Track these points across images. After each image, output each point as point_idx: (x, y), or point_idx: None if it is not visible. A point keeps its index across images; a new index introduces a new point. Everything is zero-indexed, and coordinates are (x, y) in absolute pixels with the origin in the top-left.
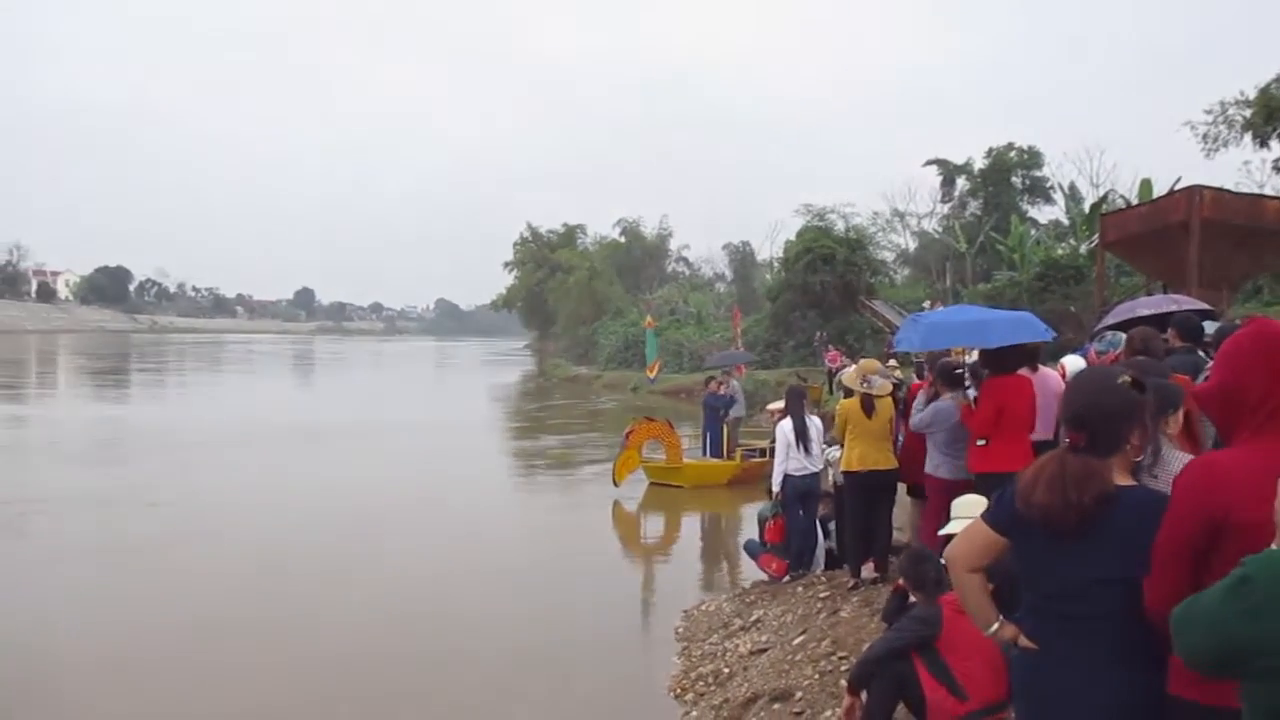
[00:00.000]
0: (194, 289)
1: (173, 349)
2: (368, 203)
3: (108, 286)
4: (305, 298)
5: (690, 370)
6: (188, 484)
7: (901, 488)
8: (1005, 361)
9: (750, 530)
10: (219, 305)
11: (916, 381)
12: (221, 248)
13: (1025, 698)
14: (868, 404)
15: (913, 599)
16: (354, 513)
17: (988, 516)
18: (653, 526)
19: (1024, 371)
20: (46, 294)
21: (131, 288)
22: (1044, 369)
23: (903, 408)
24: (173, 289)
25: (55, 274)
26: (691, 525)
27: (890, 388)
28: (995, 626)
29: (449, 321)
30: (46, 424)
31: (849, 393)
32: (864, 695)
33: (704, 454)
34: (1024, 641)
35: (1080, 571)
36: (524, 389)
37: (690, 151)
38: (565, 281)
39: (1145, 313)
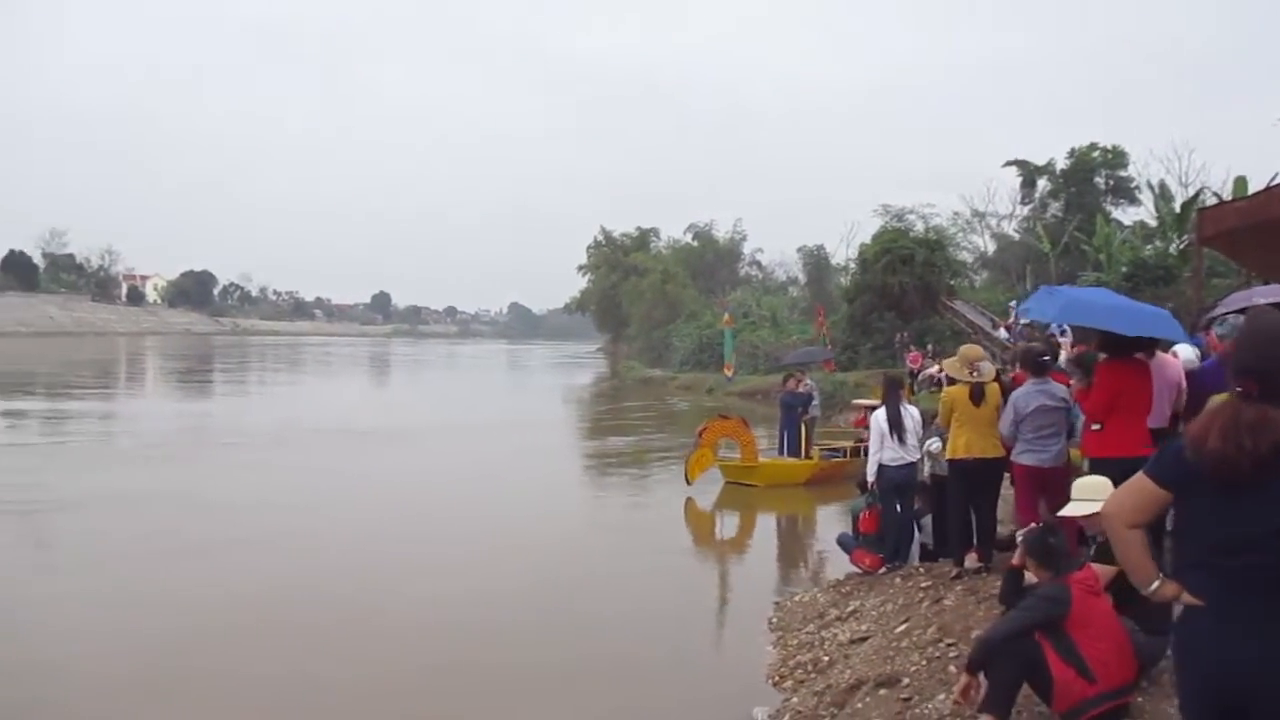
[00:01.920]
0: (275, 293)
1: (254, 350)
2: (444, 209)
3: (193, 290)
4: (382, 301)
5: (765, 372)
6: (267, 482)
7: (1006, 478)
8: (1124, 345)
9: (830, 530)
10: (299, 308)
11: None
12: (302, 253)
13: (1189, 656)
14: (977, 392)
15: (1030, 579)
16: (431, 513)
17: (1151, 470)
18: (728, 524)
19: (1141, 356)
20: (136, 297)
21: (216, 291)
22: (1162, 355)
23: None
24: (255, 293)
25: (144, 278)
26: (767, 524)
27: (994, 373)
28: (1156, 584)
29: (521, 325)
30: (130, 420)
31: (950, 383)
32: (982, 676)
33: (780, 453)
34: (1188, 598)
35: (1252, 523)
36: (597, 391)
37: (764, 152)
38: (639, 284)
39: (1263, 301)
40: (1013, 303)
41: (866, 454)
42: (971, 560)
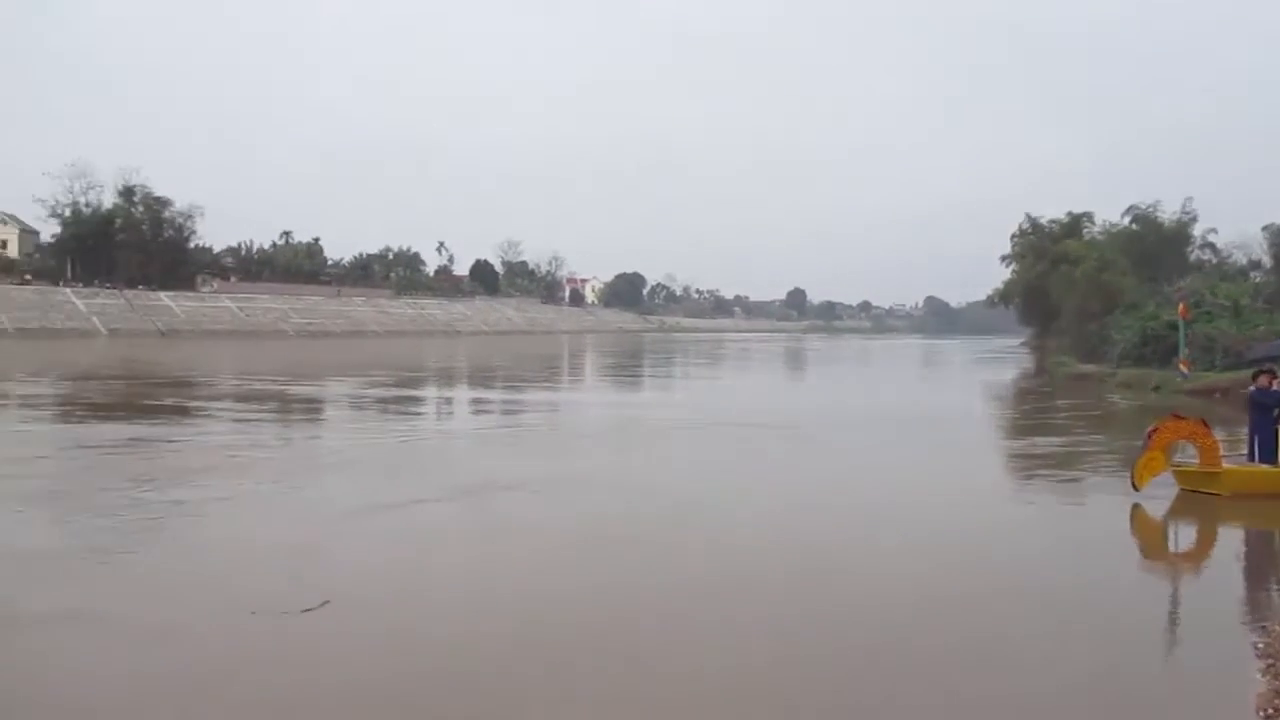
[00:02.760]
0: (697, 291)
1: (679, 345)
2: (859, 204)
3: (625, 291)
4: (797, 298)
5: (1224, 369)
6: (694, 472)
7: None
8: None
9: None
10: (719, 306)
11: None
12: (722, 254)
13: None
14: None
15: None
16: (840, 507)
17: None
18: (1184, 537)
19: None
20: (577, 299)
21: (645, 292)
22: None
23: None
24: (679, 292)
25: (584, 281)
26: (1234, 538)
27: None
28: None
29: (937, 319)
30: (572, 408)
31: None
32: None
33: (1250, 459)
34: None
35: None
36: (1022, 387)
37: (1215, 121)
38: (1070, 273)
39: None
40: None
41: None
42: None
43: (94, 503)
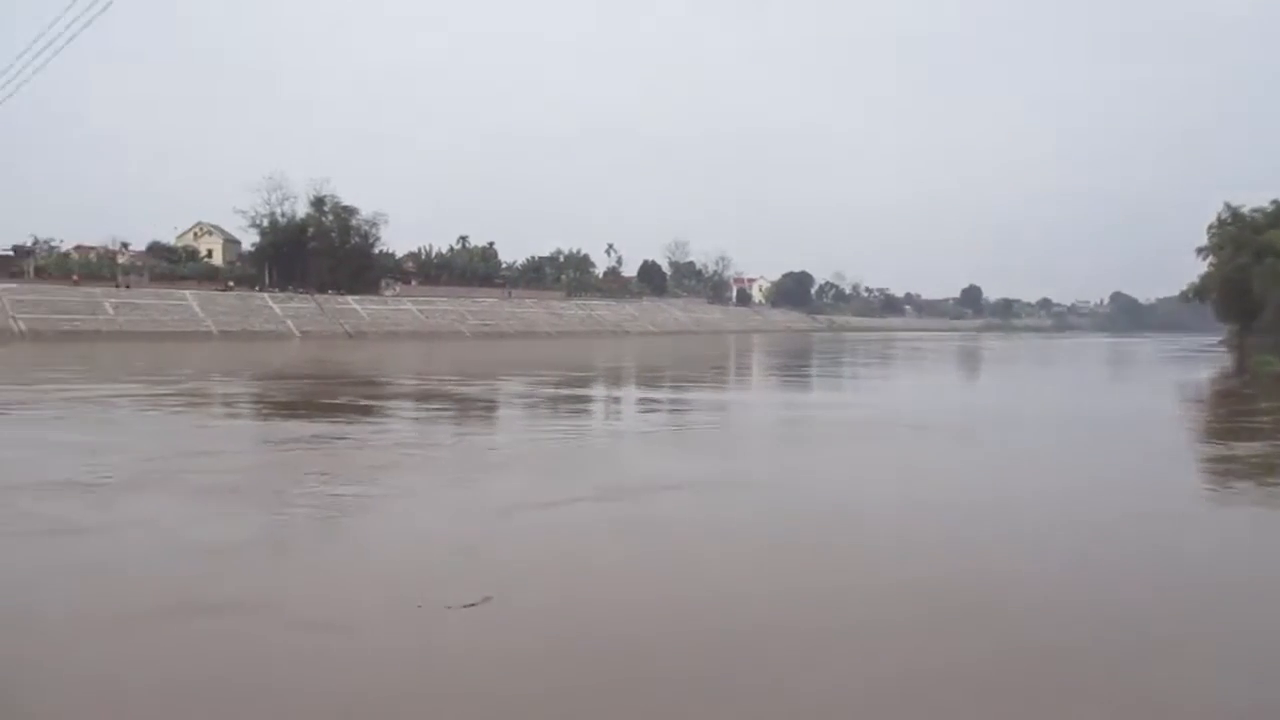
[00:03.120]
0: (866, 290)
1: (846, 344)
2: (1040, 196)
3: (793, 290)
4: (972, 295)
5: None
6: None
7: None
8: None
9: None
10: (889, 304)
11: None
12: (893, 251)
13: None
14: None
15: None
16: (1018, 514)
17: None
18: None
19: None
20: (744, 298)
21: (812, 290)
22: None
23: None
24: (848, 290)
25: (751, 281)
26: None
27: None
28: None
29: (1124, 315)
30: (738, 409)
31: None
32: None
33: None
34: None
35: None
36: (1219, 389)
37: None
38: (1276, 266)
39: None
40: None
41: None
42: None
43: (271, 498)
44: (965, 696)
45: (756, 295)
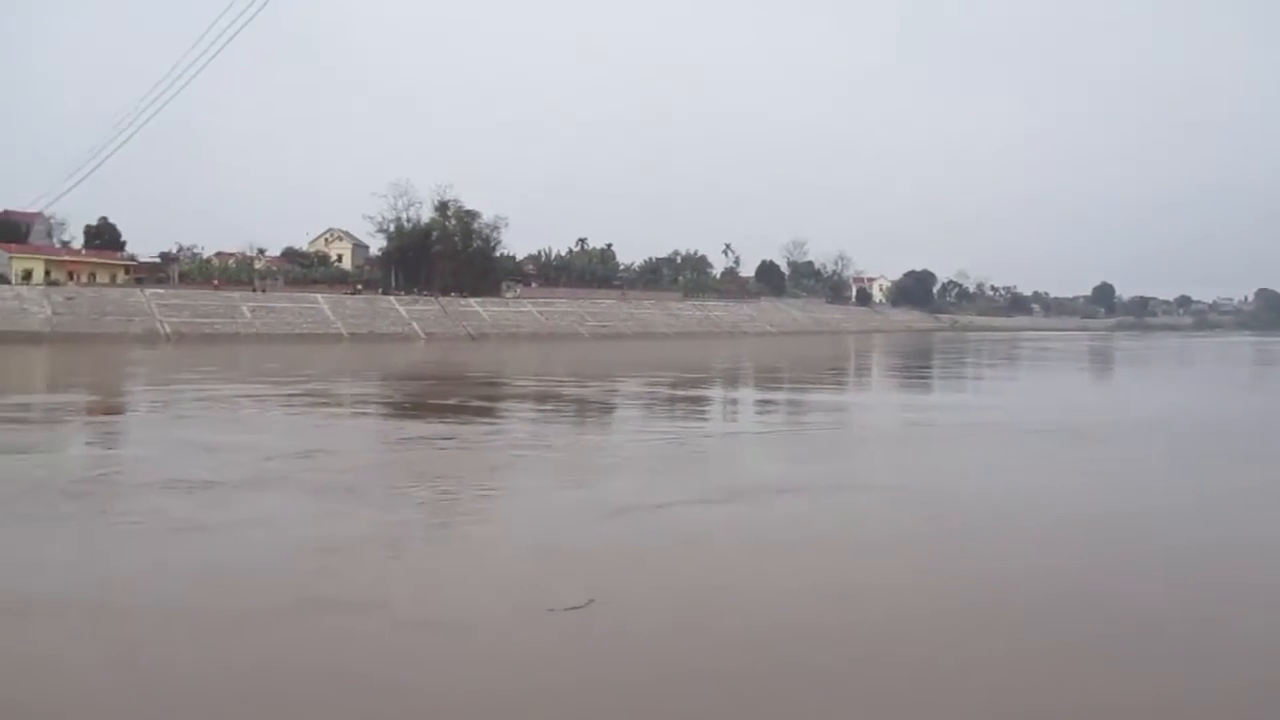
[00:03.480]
0: (992, 288)
1: (970, 344)
2: (1175, 188)
3: (914, 289)
4: (1104, 293)
5: None
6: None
7: None
8: None
9: None
10: (1016, 303)
11: None
12: (1019, 249)
13: None
14: None
15: None
16: (1161, 527)
17: None
18: None
19: None
20: (864, 298)
21: (935, 290)
22: None
23: None
24: (972, 289)
25: (871, 280)
26: None
27: None
28: None
29: (1271, 313)
30: (855, 410)
31: None
32: None
33: None
34: None
35: None
36: None
37: None
38: None
39: None
40: None
41: None
42: None
43: (385, 497)
44: None
45: (876, 295)
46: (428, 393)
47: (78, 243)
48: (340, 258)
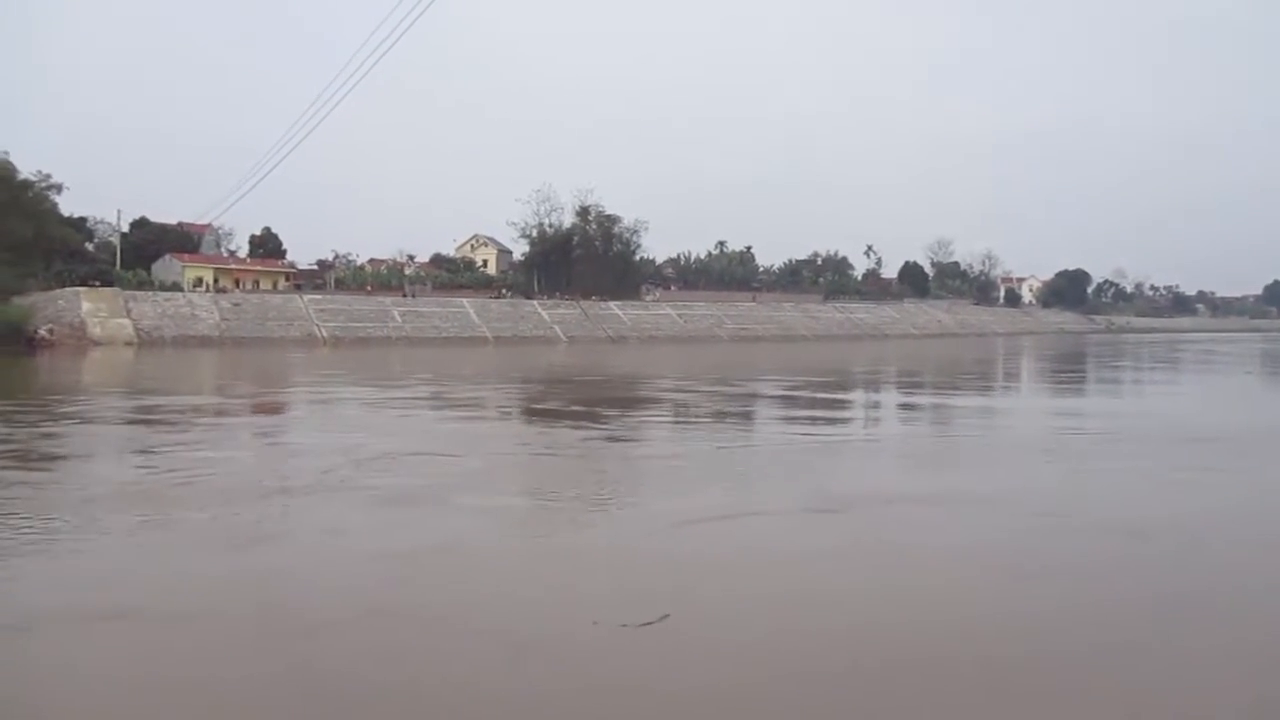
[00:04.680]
0: (1152, 288)
1: (1126, 347)
2: None
3: (1066, 289)
4: (1276, 292)
5: None
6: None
7: None
8: None
9: None
10: (1178, 304)
11: None
12: (1183, 247)
13: None
14: None
15: None
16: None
17: None
18: None
19: None
20: (1013, 299)
21: (1089, 290)
22: None
23: None
24: (1130, 289)
25: (1020, 280)
26: None
27: None
28: None
29: None
30: (994, 415)
31: None
32: None
33: None
34: None
35: None
36: None
37: None
38: None
39: None
40: None
41: None
42: None
43: (462, 503)
44: None
45: (1026, 295)
46: (565, 396)
47: (243, 252)
48: (485, 263)
